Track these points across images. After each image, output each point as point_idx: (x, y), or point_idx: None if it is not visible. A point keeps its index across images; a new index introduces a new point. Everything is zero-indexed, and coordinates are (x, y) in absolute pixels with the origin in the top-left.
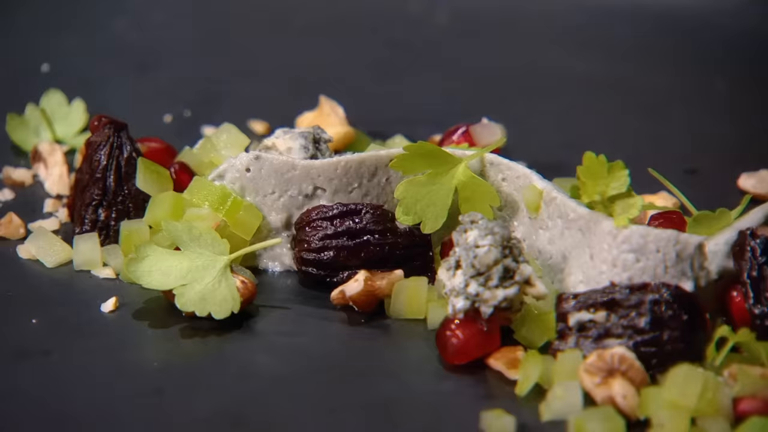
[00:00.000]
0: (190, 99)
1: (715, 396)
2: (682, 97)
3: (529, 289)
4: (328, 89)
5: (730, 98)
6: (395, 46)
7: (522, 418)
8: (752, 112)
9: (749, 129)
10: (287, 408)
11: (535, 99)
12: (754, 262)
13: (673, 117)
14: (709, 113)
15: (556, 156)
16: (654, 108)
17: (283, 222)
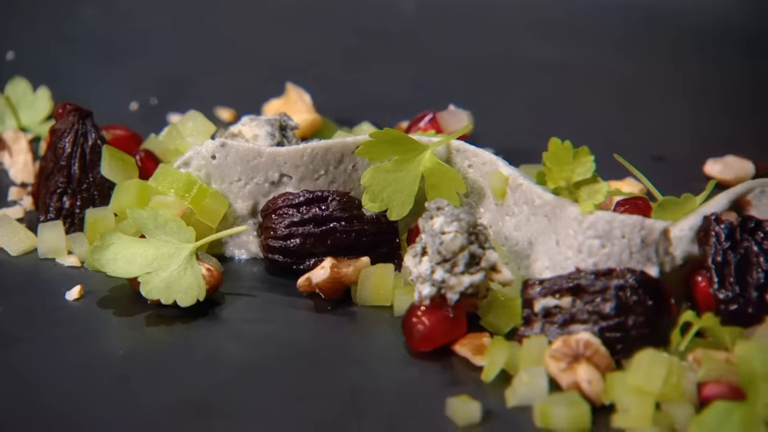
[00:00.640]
0: (156, 87)
1: (679, 381)
2: (650, 84)
3: (495, 275)
4: (295, 76)
5: (696, 85)
6: (363, 34)
7: (488, 404)
8: (718, 99)
9: (716, 115)
10: (254, 395)
11: (503, 86)
12: (718, 247)
13: (641, 104)
14: (676, 100)
15: (524, 143)
16: (621, 95)
17: (249, 209)
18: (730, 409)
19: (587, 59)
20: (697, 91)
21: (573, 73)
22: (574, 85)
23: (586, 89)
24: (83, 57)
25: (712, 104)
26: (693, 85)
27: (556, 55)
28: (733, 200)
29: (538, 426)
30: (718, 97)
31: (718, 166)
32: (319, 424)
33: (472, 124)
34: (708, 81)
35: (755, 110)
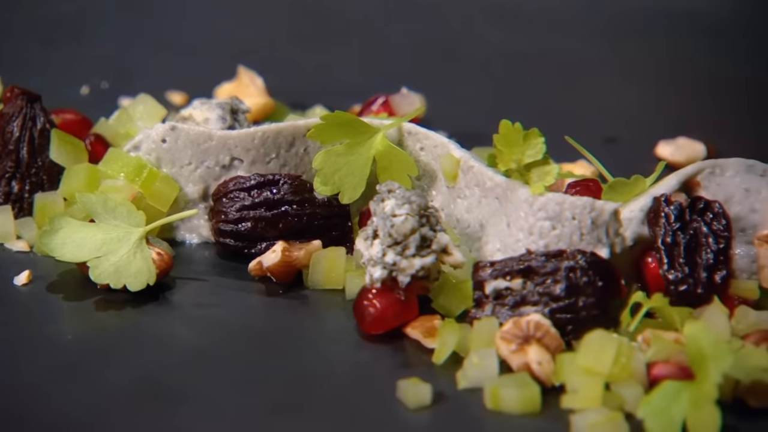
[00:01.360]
0: (108, 71)
1: (628, 361)
2: (603, 66)
3: (446, 257)
4: (247, 60)
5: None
6: (317, 17)
7: (439, 387)
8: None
9: (668, 98)
10: (205, 380)
11: (456, 69)
12: (668, 228)
13: (593, 87)
14: (628, 83)
15: (477, 125)
16: (575, 78)
17: (200, 193)
18: (679, 389)
19: (540, 42)
20: (648, 73)
21: (526, 56)
22: (528, 68)
23: (540, 72)
24: (33, 41)
25: (665, 86)
26: (645, 67)
27: (510, 38)
28: (683, 181)
29: (489, 407)
30: (670, 79)
31: (669, 148)
32: (270, 407)
33: (424, 107)
34: (660, 63)
35: (708, 92)
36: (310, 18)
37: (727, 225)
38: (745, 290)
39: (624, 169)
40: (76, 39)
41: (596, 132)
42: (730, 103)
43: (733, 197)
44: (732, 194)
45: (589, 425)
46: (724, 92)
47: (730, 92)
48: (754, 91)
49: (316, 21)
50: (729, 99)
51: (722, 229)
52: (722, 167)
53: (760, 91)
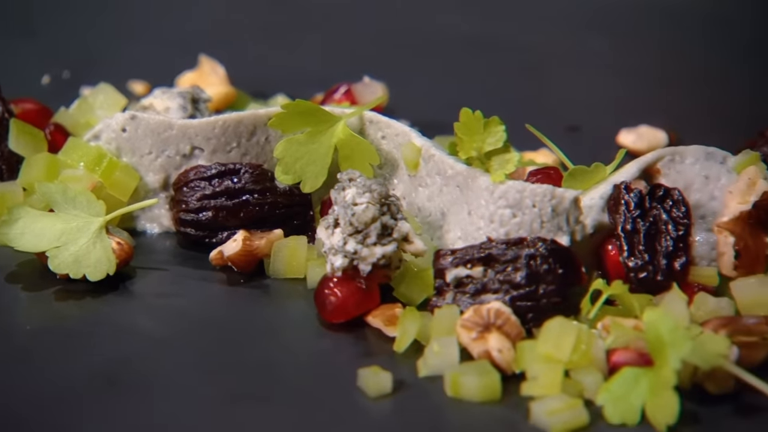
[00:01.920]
0: (69, 60)
1: (588, 348)
2: (566, 55)
3: (407, 246)
4: (210, 49)
5: (611, 56)
6: (279, 6)
7: (400, 375)
8: (633, 70)
9: (630, 86)
10: (165, 369)
11: (419, 58)
12: (628, 215)
13: (557, 76)
14: (591, 71)
15: (439, 114)
16: (538, 67)
17: (161, 182)
18: (638, 375)
19: (504, 31)
20: (611, 62)
21: (489, 45)
22: (491, 57)
23: (503, 61)
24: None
25: (627, 75)
26: (608, 56)
27: (473, 27)
28: (643, 169)
29: (449, 395)
30: (633, 68)
31: (631, 136)
32: (231, 396)
33: (386, 95)
34: (623, 52)
35: (670, 81)
36: (273, 7)
37: (686, 212)
38: (705, 277)
39: (586, 158)
40: (38, 28)
41: (559, 120)
42: (692, 92)
43: (692, 184)
44: (692, 181)
45: (547, 412)
46: (686, 81)
47: (692, 81)
48: (716, 80)
49: (279, 10)
50: (691, 87)
51: (682, 216)
52: (682, 155)
53: (721, 80)
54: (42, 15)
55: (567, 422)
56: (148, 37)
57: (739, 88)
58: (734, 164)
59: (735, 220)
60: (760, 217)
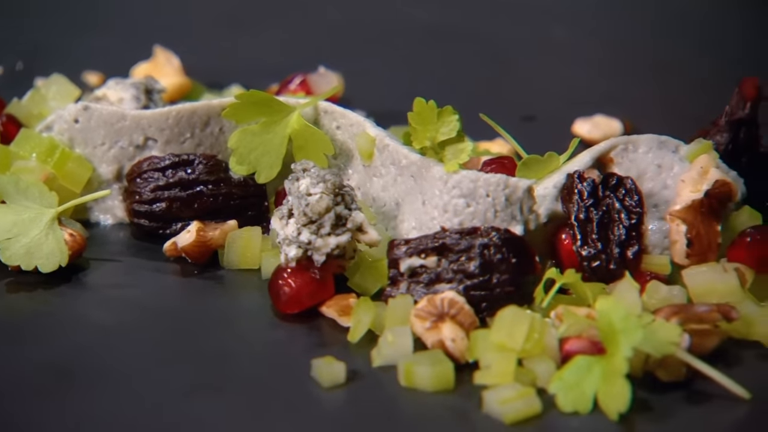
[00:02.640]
0: (23, 51)
1: (541, 337)
2: (523, 45)
3: (361, 236)
4: (165, 40)
5: (567, 46)
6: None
7: (354, 365)
8: (589, 59)
9: (586, 75)
10: (118, 360)
11: (376, 48)
12: (581, 204)
13: (512, 65)
14: (548, 61)
15: (395, 104)
16: (495, 56)
17: (114, 173)
18: (591, 364)
19: (461, 21)
20: (567, 52)
21: (446, 35)
22: (448, 47)
23: (460, 51)
24: None
25: (583, 65)
26: (564, 46)
27: (430, 17)
28: (596, 158)
29: (403, 385)
30: (589, 57)
31: (587, 126)
32: (184, 387)
33: (341, 86)
34: (580, 42)
35: (626, 71)
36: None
37: (639, 201)
38: (657, 265)
39: (542, 147)
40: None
41: (515, 110)
42: (647, 82)
43: (645, 173)
44: (645, 170)
45: (500, 401)
46: (642, 71)
47: (648, 71)
48: (671, 70)
49: (235, 1)
50: (647, 77)
51: (635, 204)
52: (635, 143)
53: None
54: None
55: (519, 411)
56: (103, 28)
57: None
58: (687, 153)
59: (687, 209)
60: (712, 206)
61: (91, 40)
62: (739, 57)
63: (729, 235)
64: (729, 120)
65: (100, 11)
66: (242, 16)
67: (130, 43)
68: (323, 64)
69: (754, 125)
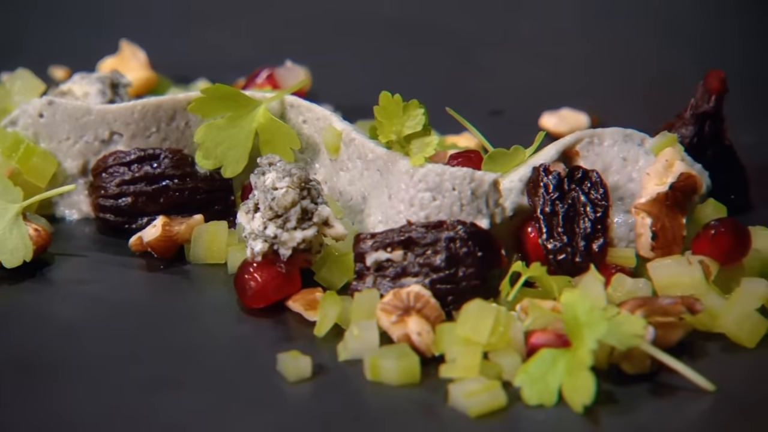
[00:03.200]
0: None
1: (506, 330)
2: (490, 39)
3: (327, 230)
4: (133, 34)
5: (535, 40)
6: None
7: (320, 359)
8: (555, 53)
9: (553, 69)
10: (83, 356)
11: (344, 42)
12: (546, 197)
13: (481, 59)
14: (516, 55)
15: (364, 98)
16: (462, 51)
17: (80, 168)
18: (556, 357)
19: (429, 15)
20: (535, 46)
21: (415, 29)
22: (417, 41)
23: (429, 45)
24: None
25: (550, 59)
26: (531, 40)
27: (399, 11)
28: (562, 151)
29: (369, 379)
30: (556, 51)
31: (553, 119)
32: (150, 382)
33: (308, 80)
34: (546, 36)
35: (593, 64)
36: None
37: (604, 194)
38: (622, 258)
39: (509, 141)
40: None
41: (483, 104)
42: (614, 75)
43: (611, 166)
44: (610, 163)
45: (465, 394)
46: (609, 64)
47: (615, 64)
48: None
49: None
50: (613, 71)
51: (600, 198)
52: (600, 137)
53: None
54: None
55: (485, 404)
56: (70, 22)
57: (661, 72)
58: (652, 146)
59: (652, 202)
60: (677, 199)
61: (57, 34)
62: (706, 50)
63: (694, 227)
64: (694, 113)
65: (66, 5)
66: (209, 10)
67: (96, 37)
68: (290, 59)
69: (718, 118)
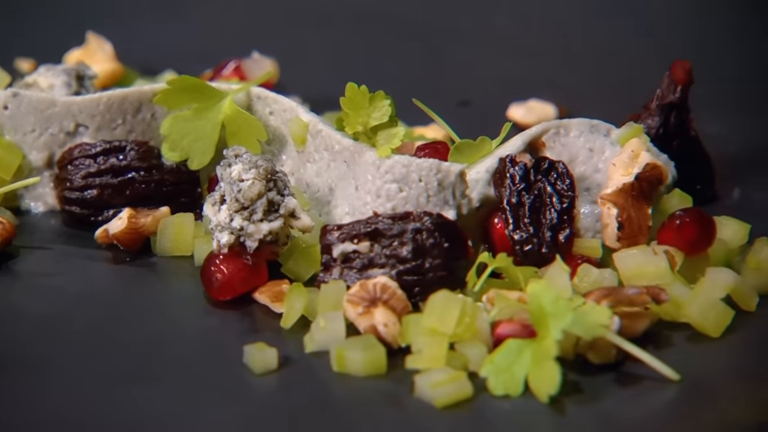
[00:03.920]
0: None
1: (472, 321)
2: (458, 31)
3: (294, 222)
4: (98, 26)
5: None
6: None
7: (286, 351)
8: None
9: (521, 60)
10: (48, 349)
11: (312, 34)
12: (513, 188)
13: (450, 50)
14: (484, 46)
15: (332, 90)
16: (431, 42)
17: (45, 160)
18: (521, 347)
19: (394, 6)
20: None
21: (381, 20)
22: (385, 32)
23: (397, 36)
24: None
25: (519, 49)
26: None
27: (364, 3)
28: (528, 142)
29: (335, 370)
30: (525, 42)
31: (521, 110)
32: (116, 375)
33: (277, 71)
34: (515, 27)
35: (560, 55)
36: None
37: (571, 184)
38: (589, 249)
39: (478, 132)
40: None
41: (451, 95)
42: (582, 66)
43: (577, 157)
44: (576, 154)
45: (431, 384)
46: (577, 56)
47: (583, 55)
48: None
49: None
50: (581, 62)
51: (566, 188)
52: (567, 128)
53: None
54: None
55: (451, 394)
56: (36, 14)
57: (629, 63)
58: (618, 137)
59: (618, 192)
60: (642, 189)
61: (23, 26)
62: (671, 41)
63: (659, 218)
64: (660, 104)
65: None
66: (177, 2)
67: (63, 29)
68: (257, 50)
69: (684, 109)
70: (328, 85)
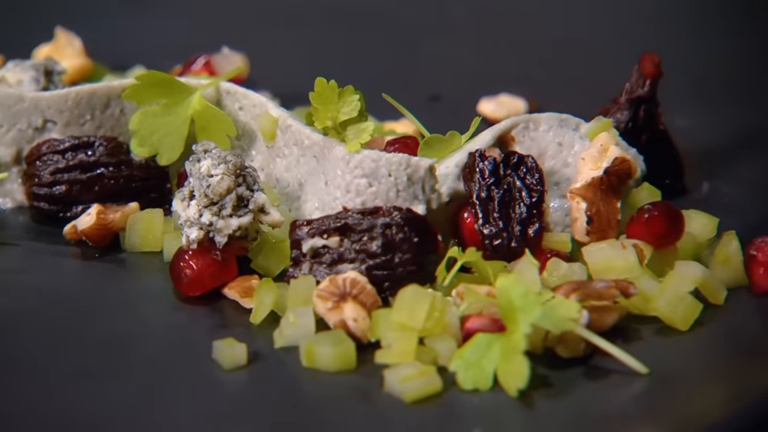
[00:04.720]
0: None
1: (442, 315)
2: (428, 26)
3: (263, 217)
4: (68, 21)
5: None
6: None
7: (256, 346)
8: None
9: (492, 55)
10: (15, 346)
11: (282, 29)
12: (482, 183)
13: (420, 45)
14: (454, 41)
15: (303, 85)
16: (401, 37)
17: (13, 156)
18: (490, 341)
19: (364, 1)
20: (473, 31)
21: (351, 15)
22: (355, 27)
23: (367, 32)
24: None
25: (489, 44)
26: (469, 26)
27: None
28: (498, 136)
29: (305, 365)
30: (495, 37)
31: (491, 105)
32: (84, 371)
33: (246, 66)
34: (484, 21)
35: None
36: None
37: (540, 179)
38: (558, 243)
39: (448, 127)
40: None
41: (422, 90)
42: (552, 61)
43: (546, 151)
44: (546, 148)
45: (400, 379)
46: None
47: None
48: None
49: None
50: (551, 56)
51: (535, 183)
52: (536, 122)
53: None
54: None
55: (420, 389)
56: (4, 9)
57: (599, 57)
58: (587, 131)
59: (587, 186)
60: (611, 183)
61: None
62: (640, 34)
63: (629, 211)
64: (629, 98)
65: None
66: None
67: (31, 24)
68: (227, 45)
69: (653, 103)
70: (298, 80)
